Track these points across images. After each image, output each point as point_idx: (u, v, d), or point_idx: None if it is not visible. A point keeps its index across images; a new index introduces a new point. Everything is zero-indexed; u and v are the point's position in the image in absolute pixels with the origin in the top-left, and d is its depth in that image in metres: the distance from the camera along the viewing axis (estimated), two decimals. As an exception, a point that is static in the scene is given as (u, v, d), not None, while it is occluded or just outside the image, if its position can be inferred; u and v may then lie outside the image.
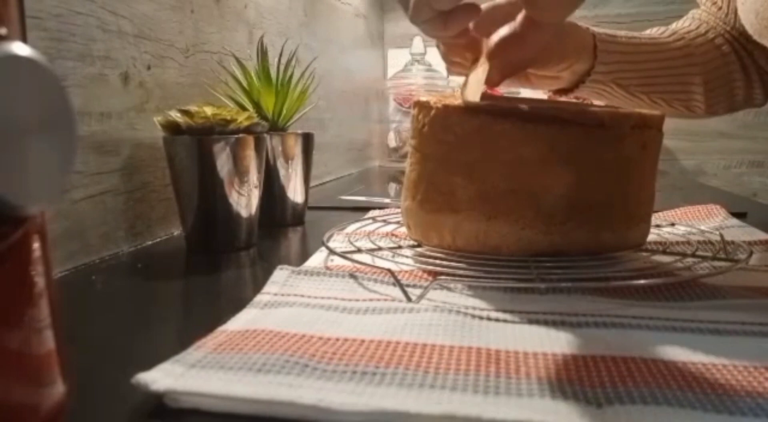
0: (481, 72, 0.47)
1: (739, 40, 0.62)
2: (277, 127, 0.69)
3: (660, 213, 0.68)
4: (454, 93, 0.46)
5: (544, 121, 0.42)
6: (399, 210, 0.53)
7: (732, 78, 0.62)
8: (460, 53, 0.50)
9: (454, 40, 0.47)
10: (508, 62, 0.48)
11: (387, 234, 0.59)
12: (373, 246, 0.51)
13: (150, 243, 0.60)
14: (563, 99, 0.59)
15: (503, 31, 0.44)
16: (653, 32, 0.61)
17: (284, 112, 0.69)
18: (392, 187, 1.13)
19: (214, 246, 0.56)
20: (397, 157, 1.61)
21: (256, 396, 0.25)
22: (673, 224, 0.62)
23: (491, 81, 0.49)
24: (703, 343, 0.31)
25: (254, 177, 0.57)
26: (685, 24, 0.64)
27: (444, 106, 0.45)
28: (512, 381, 0.27)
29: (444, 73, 1.69)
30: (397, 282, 0.40)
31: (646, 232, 0.48)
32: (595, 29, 0.55)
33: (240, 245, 0.57)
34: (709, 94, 0.61)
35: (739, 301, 0.38)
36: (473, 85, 0.46)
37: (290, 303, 0.38)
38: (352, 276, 0.43)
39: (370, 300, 0.38)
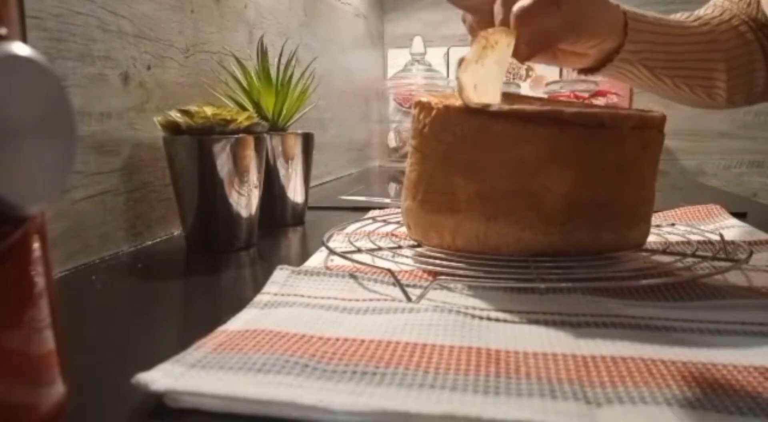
0: (494, 70, 0.45)
1: (762, 29, 0.62)
2: (277, 127, 0.69)
3: (660, 213, 0.68)
4: (454, 93, 0.46)
5: (545, 122, 0.42)
6: (399, 210, 0.53)
7: (753, 67, 0.62)
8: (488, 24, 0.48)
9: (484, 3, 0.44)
10: (539, 34, 0.46)
11: (387, 234, 0.59)
12: (373, 246, 0.51)
13: (150, 243, 0.60)
14: (563, 99, 0.59)
15: None
16: (678, 17, 0.61)
17: (284, 112, 0.69)
18: (392, 187, 1.13)
19: (214, 246, 0.56)
20: (397, 157, 1.61)
21: (256, 396, 0.25)
22: (673, 224, 0.62)
23: (520, 55, 0.47)
24: (703, 343, 0.31)
25: (254, 177, 0.57)
26: (708, 11, 0.64)
27: (445, 107, 0.45)
28: (512, 381, 0.27)
29: (444, 73, 1.69)
30: (397, 282, 0.40)
31: (646, 232, 0.48)
32: (625, 7, 0.55)
33: (240, 245, 0.57)
34: (731, 82, 0.61)
35: (739, 301, 0.38)
36: (490, 84, 0.45)
37: (290, 303, 0.38)
38: (352, 276, 0.43)
39: (370, 300, 0.38)
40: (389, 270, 0.42)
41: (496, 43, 0.46)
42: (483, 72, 0.46)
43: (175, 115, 0.54)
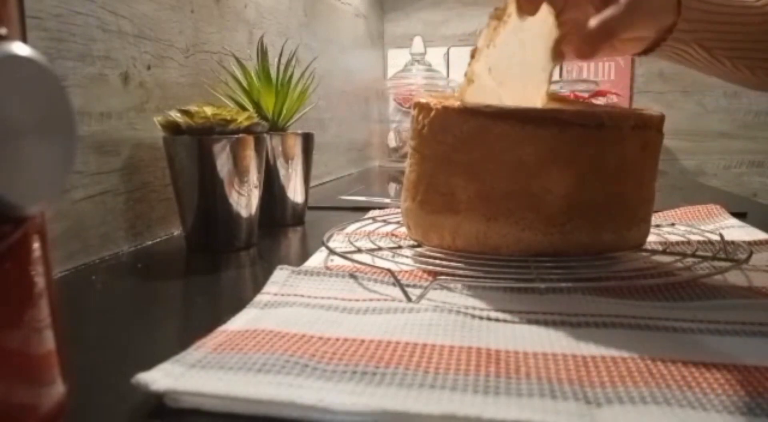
0: (510, 46, 0.43)
1: None
2: (277, 127, 0.69)
3: (660, 213, 0.68)
4: (454, 93, 0.45)
5: (544, 123, 0.42)
6: (399, 210, 0.53)
7: None
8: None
9: None
10: (598, 28, 0.45)
11: (387, 234, 0.59)
12: (373, 246, 0.51)
13: (150, 243, 0.60)
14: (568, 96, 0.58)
15: None
16: None
17: (284, 112, 0.69)
18: (392, 187, 1.13)
19: (214, 246, 0.56)
20: (397, 157, 1.61)
21: (256, 396, 0.25)
22: (673, 224, 0.62)
23: (584, 54, 0.46)
24: (703, 343, 0.31)
25: (254, 177, 0.57)
26: None
27: (443, 108, 0.45)
28: (512, 381, 0.27)
29: (444, 73, 1.69)
30: (397, 282, 0.40)
31: (646, 232, 0.48)
32: None
33: (240, 245, 0.57)
34: None
35: (739, 301, 0.38)
36: (508, 62, 0.44)
37: (290, 303, 0.38)
38: (352, 276, 0.43)
39: (370, 300, 0.38)
40: (389, 270, 0.42)
41: (509, 17, 0.45)
42: (496, 52, 0.45)
43: (175, 115, 0.54)
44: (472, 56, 0.45)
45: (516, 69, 0.46)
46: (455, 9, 1.77)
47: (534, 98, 0.47)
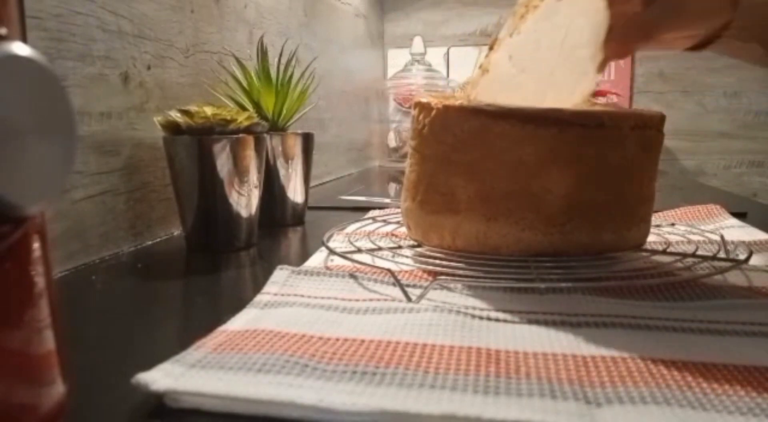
0: (537, 33, 0.43)
1: None
2: (277, 127, 0.69)
3: (660, 213, 0.68)
4: (454, 93, 0.45)
5: (544, 122, 0.42)
6: (399, 210, 0.53)
7: None
8: None
9: None
10: (635, 27, 0.43)
11: (387, 234, 0.59)
12: (373, 246, 0.51)
13: (150, 243, 0.60)
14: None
15: None
16: None
17: (284, 112, 0.69)
18: (392, 187, 1.13)
19: (214, 246, 0.56)
20: (397, 157, 1.61)
21: (256, 396, 0.25)
22: (673, 224, 0.62)
23: (616, 53, 0.44)
24: (703, 343, 0.31)
25: (254, 177, 0.57)
26: None
27: (444, 107, 0.45)
28: (512, 381, 0.27)
29: (444, 73, 1.69)
30: (397, 282, 0.40)
31: (646, 232, 0.48)
32: None
33: (240, 245, 0.57)
34: None
35: (739, 301, 0.38)
36: (533, 48, 0.42)
37: (290, 303, 0.38)
38: (352, 276, 0.43)
39: (370, 300, 0.38)
40: (389, 270, 0.42)
41: (540, 1, 0.44)
42: (520, 39, 0.44)
43: (175, 115, 0.54)
44: (491, 47, 0.44)
45: (545, 54, 0.45)
46: (455, 9, 1.77)
47: (563, 84, 0.45)
